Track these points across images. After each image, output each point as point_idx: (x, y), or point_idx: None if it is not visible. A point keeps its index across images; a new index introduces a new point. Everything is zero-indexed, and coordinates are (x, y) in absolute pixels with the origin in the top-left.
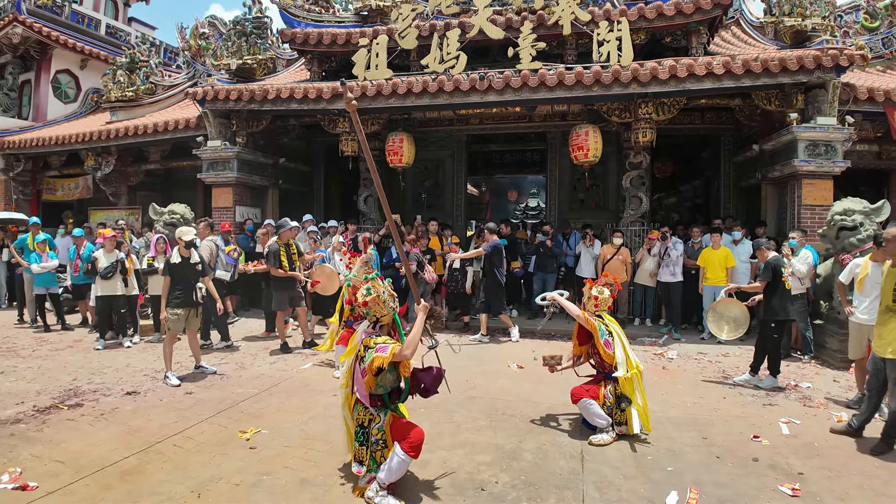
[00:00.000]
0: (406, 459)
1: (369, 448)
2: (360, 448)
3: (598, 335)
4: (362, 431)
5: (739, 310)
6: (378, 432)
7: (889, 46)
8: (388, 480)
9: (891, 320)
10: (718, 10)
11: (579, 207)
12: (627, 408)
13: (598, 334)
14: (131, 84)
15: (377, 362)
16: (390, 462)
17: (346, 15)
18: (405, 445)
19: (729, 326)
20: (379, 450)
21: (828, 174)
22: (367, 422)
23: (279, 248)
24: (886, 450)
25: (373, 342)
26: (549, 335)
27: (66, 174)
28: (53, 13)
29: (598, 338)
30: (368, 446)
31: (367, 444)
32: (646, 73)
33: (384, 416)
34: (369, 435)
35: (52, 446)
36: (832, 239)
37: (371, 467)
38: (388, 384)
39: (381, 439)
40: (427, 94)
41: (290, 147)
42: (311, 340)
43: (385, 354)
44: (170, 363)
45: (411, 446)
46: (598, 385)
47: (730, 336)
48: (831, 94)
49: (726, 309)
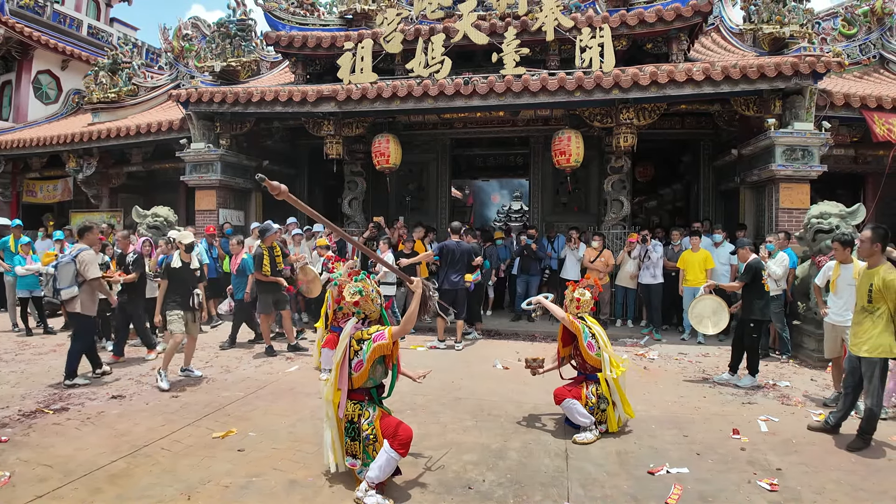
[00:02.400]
0: (395, 457)
1: (361, 442)
2: (353, 443)
3: (581, 337)
4: (352, 427)
5: (717, 304)
6: (368, 427)
7: (866, 53)
8: (378, 479)
9: (865, 320)
10: (699, 18)
11: (562, 211)
12: (608, 408)
13: (582, 336)
14: (113, 85)
15: (379, 351)
16: (379, 460)
17: (331, 18)
18: (395, 443)
19: (711, 321)
20: (371, 444)
21: (805, 178)
22: (357, 417)
23: (263, 252)
24: (863, 446)
25: (366, 334)
26: (531, 336)
27: (46, 176)
28: (35, 13)
29: (582, 340)
30: (360, 441)
31: (358, 438)
32: (627, 78)
33: (373, 411)
34: (360, 430)
35: (39, 451)
36: (809, 242)
37: (366, 461)
38: (378, 377)
39: (372, 434)
40: (412, 98)
41: (274, 149)
42: (296, 343)
43: (385, 340)
44: (168, 361)
45: (400, 444)
46: (579, 386)
47: (715, 330)
48: (808, 100)
49: (704, 307)
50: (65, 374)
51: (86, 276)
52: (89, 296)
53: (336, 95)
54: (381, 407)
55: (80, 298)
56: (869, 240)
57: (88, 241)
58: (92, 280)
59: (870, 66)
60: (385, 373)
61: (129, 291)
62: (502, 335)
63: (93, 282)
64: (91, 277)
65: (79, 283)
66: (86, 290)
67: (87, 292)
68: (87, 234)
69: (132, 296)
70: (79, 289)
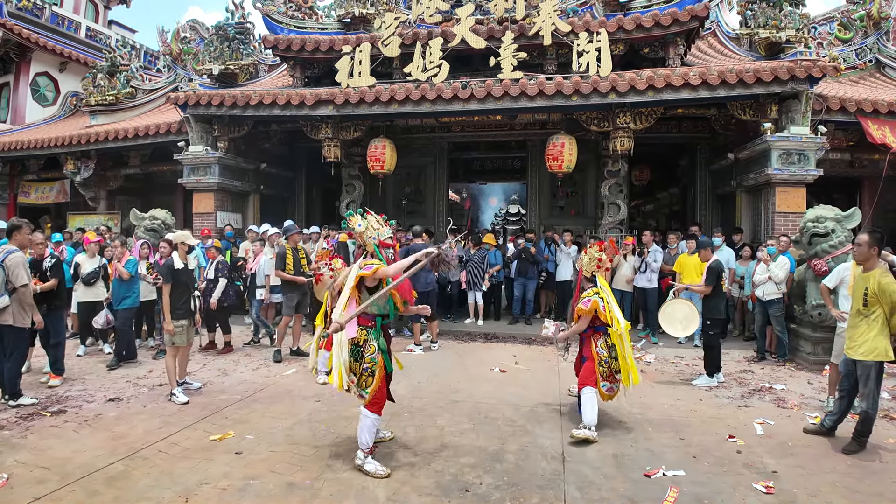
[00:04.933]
0: (371, 416)
1: (360, 373)
2: (355, 363)
3: (601, 310)
4: (357, 349)
5: (687, 307)
6: (370, 361)
7: (862, 57)
8: (368, 444)
9: (861, 324)
10: (695, 23)
11: (559, 214)
12: (619, 356)
13: (601, 309)
14: (111, 88)
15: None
16: (362, 425)
17: (329, 22)
18: (370, 406)
19: (682, 324)
20: (367, 376)
21: (801, 182)
22: (363, 341)
23: (286, 251)
24: (858, 449)
25: (364, 263)
26: (529, 340)
27: (44, 178)
28: (34, 15)
29: (602, 311)
30: (361, 364)
31: (360, 361)
32: (624, 83)
33: (377, 343)
34: (363, 354)
35: (37, 453)
36: (805, 245)
37: (358, 392)
38: (382, 305)
39: (371, 368)
40: (410, 102)
41: (271, 152)
42: (299, 348)
43: (367, 271)
44: (174, 378)
45: (374, 404)
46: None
47: (685, 333)
48: (804, 105)
49: (674, 310)
50: (7, 394)
51: (14, 284)
52: (20, 305)
53: (334, 99)
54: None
55: (12, 309)
56: (866, 243)
57: (18, 243)
58: (21, 287)
59: (866, 71)
60: (387, 304)
61: (48, 301)
62: (500, 339)
63: (22, 290)
64: (19, 284)
65: (9, 292)
66: (17, 298)
67: (18, 301)
68: (16, 235)
69: (52, 306)
70: (10, 297)
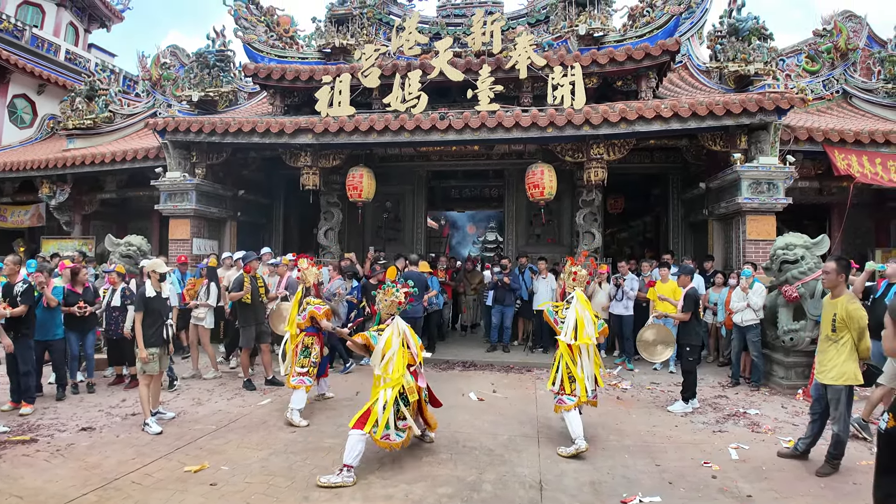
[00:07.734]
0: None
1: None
2: (304, 359)
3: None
4: (306, 350)
5: (664, 333)
6: (317, 356)
7: (829, 88)
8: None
9: (830, 349)
10: (667, 57)
11: (536, 242)
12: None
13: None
14: (90, 112)
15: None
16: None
17: (310, 51)
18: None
19: (658, 349)
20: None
21: (771, 210)
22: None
23: (243, 277)
24: (831, 471)
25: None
26: (507, 368)
27: (18, 201)
28: (13, 37)
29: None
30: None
31: (308, 357)
32: (597, 115)
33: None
34: (310, 353)
35: (9, 482)
36: (775, 272)
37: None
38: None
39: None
40: (389, 132)
41: (250, 179)
42: (273, 377)
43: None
44: (148, 407)
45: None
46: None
47: (660, 359)
48: (773, 135)
49: (651, 335)
50: None
51: None
52: None
53: (313, 127)
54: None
55: None
56: (834, 271)
57: None
58: None
59: (833, 101)
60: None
61: (16, 329)
62: (477, 366)
63: None
64: None
65: None
66: None
67: None
68: None
69: (20, 334)
70: None
